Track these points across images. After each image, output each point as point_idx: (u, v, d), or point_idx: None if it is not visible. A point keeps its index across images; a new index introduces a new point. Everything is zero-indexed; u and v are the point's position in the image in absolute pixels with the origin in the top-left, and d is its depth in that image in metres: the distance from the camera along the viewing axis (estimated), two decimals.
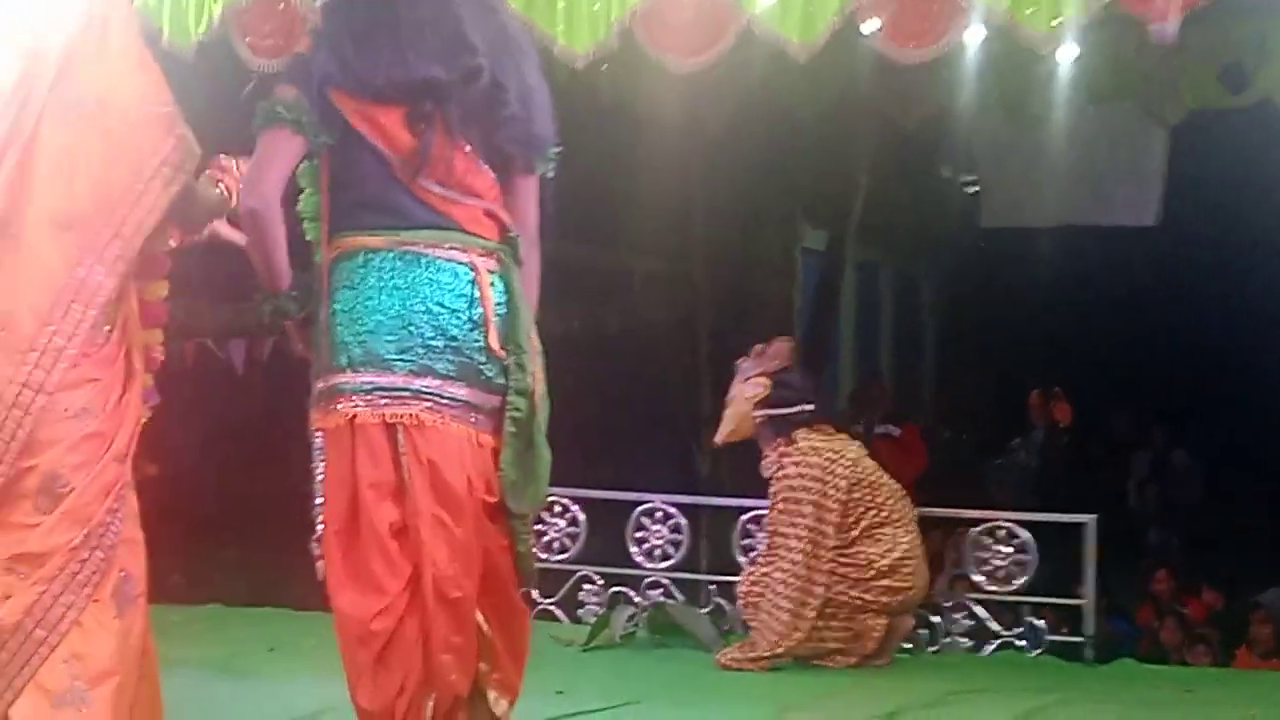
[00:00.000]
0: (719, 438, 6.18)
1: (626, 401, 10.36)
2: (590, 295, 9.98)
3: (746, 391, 5.99)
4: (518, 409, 3.56)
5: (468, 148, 3.55)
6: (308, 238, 3.65)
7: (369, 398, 3.49)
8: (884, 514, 5.82)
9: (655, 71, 5.88)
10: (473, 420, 3.54)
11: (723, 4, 5.59)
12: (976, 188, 11.48)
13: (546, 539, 6.64)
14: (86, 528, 3.35)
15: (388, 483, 3.49)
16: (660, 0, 5.63)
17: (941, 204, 13.51)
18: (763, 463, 5.97)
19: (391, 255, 3.53)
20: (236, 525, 9.59)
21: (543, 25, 5.57)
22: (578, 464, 4.44)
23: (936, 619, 6.46)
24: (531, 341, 3.61)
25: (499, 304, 3.57)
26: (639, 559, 6.73)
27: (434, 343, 3.51)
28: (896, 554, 5.78)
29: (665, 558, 6.71)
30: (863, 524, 5.78)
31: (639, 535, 6.74)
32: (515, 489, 3.57)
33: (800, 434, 5.87)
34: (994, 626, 6.49)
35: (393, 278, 3.52)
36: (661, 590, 6.68)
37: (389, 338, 3.50)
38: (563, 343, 3.83)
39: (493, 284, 3.57)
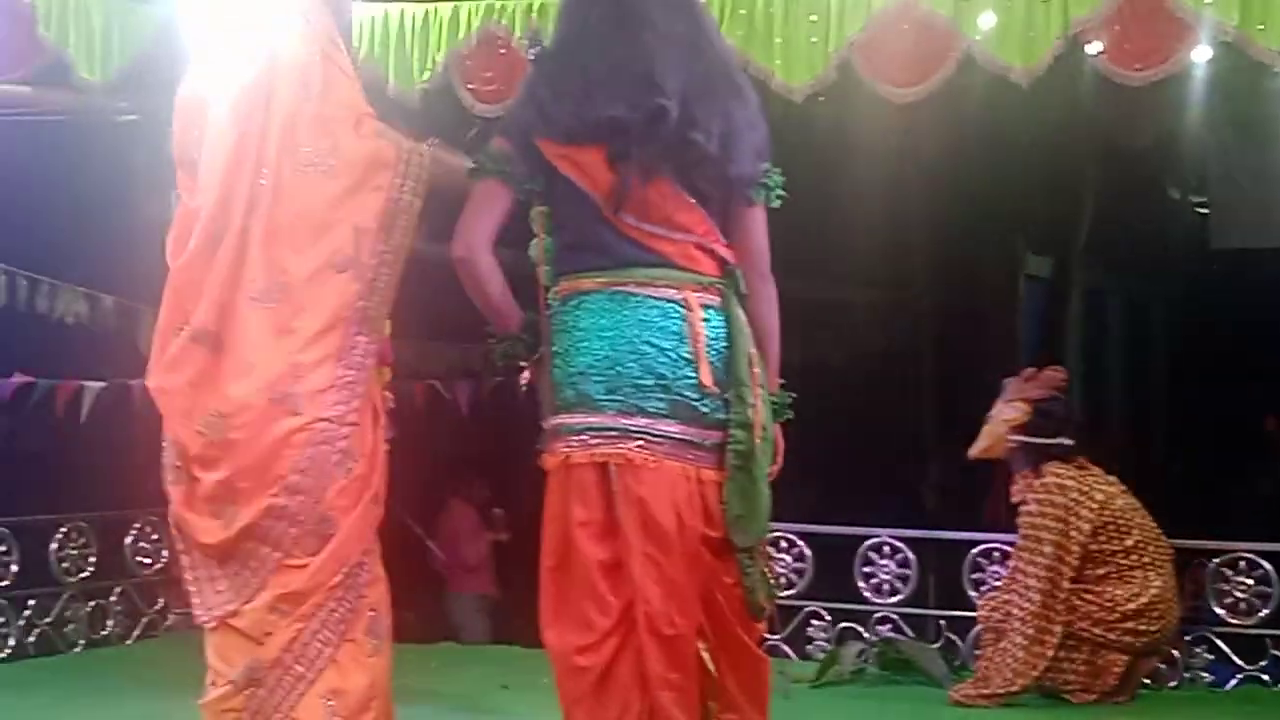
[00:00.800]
0: (972, 451, 6.06)
1: (850, 435, 10.29)
2: (812, 327, 9.93)
3: (1005, 413, 5.88)
4: (739, 442, 3.53)
5: (670, 184, 3.57)
6: (543, 282, 3.70)
7: (580, 438, 3.52)
8: (1134, 557, 5.68)
9: (874, 101, 5.85)
10: (690, 457, 3.52)
11: (942, 31, 5.55)
12: (1206, 209, 11.19)
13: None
14: (346, 568, 3.45)
15: (597, 521, 3.51)
16: (878, 30, 5.61)
17: (1170, 226, 13.18)
18: (1012, 488, 5.86)
19: (602, 296, 3.55)
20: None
21: (760, 60, 5.59)
22: (804, 499, 4.42)
23: (1177, 653, 6.28)
24: (754, 374, 3.57)
25: (714, 339, 3.55)
26: (867, 594, 6.67)
27: (642, 381, 3.52)
28: (1145, 598, 5.65)
29: (893, 592, 6.64)
30: (1109, 566, 5.65)
31: (866, 570, 6.68)
32: (739, 523, 3.54)
33: (1049, 467, 5.74)
34: (1237, 660, 6.29)
35: (601, 319, 3.54)
36: (890, 625, 6.61)
37: (597, 379, 3.52)
38: (785, 375, 3.81)
39: (707, 319, 3.55)
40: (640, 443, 3.50)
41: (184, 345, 3.52)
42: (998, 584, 6.16)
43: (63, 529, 6.74)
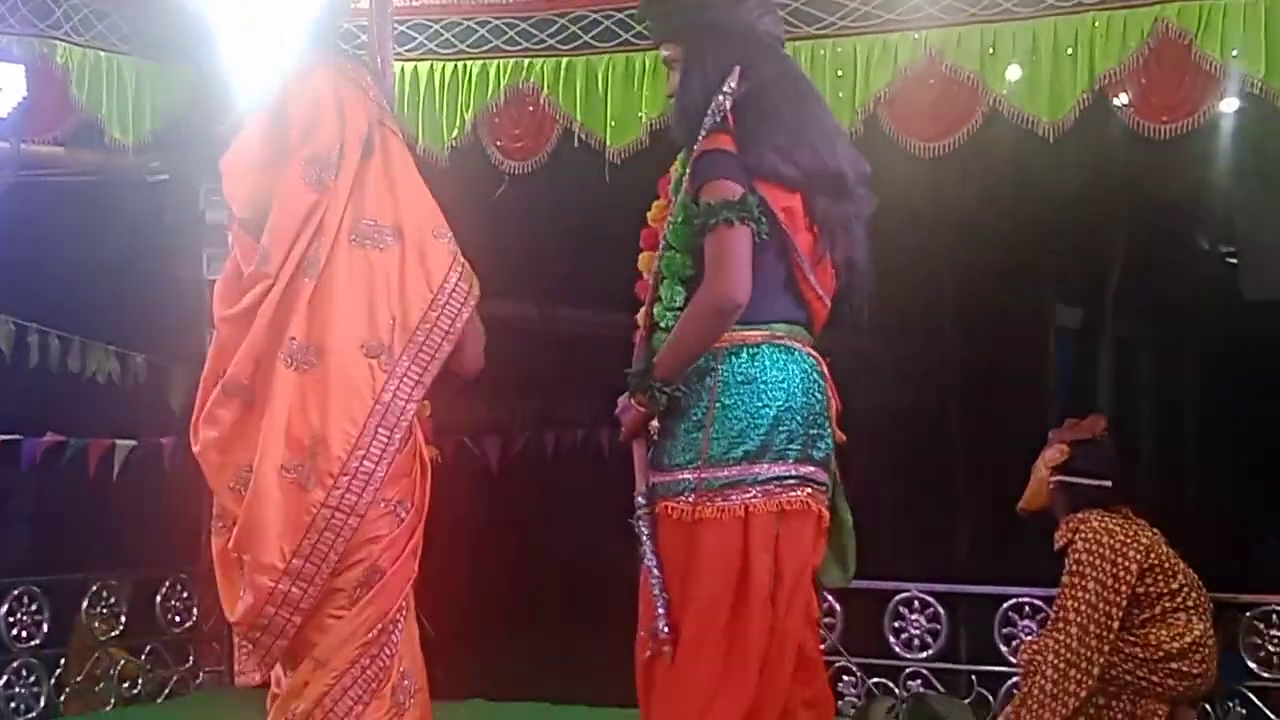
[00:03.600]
0: (1021, 505, 6.02)
1: (880, 488, 10.24)
2: (841, 380, 9.92)
3: (1046, 456, 5.85)
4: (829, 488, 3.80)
5: (835, 248, 3.80)
6: (661, 325, 3.73)
7: (766, 488, 3.62)
8: (1178, 600, 5.63)
9: (901, 154, 5.86)
10: (825, 502, 3.75)
11: (968, 85, 5.58)
12: (1235, 260, 11.15)
13: None
14: (382, 622, 3.45)
15: (772, 569, 3.61)
16: (905, 84, 5.64)
17: (1200, 277, 13.14)
18: (1056, 534, 5.83)
19: (771, 349, 3.69)
20: (496, 619, 9.70)
21: None
22: None
23: (1210, 708, 6.22)
24: None
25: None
26: (897, 649, 6.63)
27: (812, 431, 3.69)
28: (1188, 639, 5.59)
29: (924, 647, 6.60)
30: (1155, 609, 5.61)
31: (896, 625, 6.65)
32: (827, 564, 3.82)
33: (1095, 513, 5.70)
34: (1271, 716, 6.22)
35: (775, 371, 3.67)
36: (921, 680, 6.56)
37: (783, 429, 3.65)
38: None
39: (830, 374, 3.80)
40: (810, 490, 3.69)
41: (218, 398, 3.52)
42: (1030, 630, 6.15)
43: (93, 587, 6.74)
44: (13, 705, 6.42)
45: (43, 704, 6.54)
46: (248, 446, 3.48)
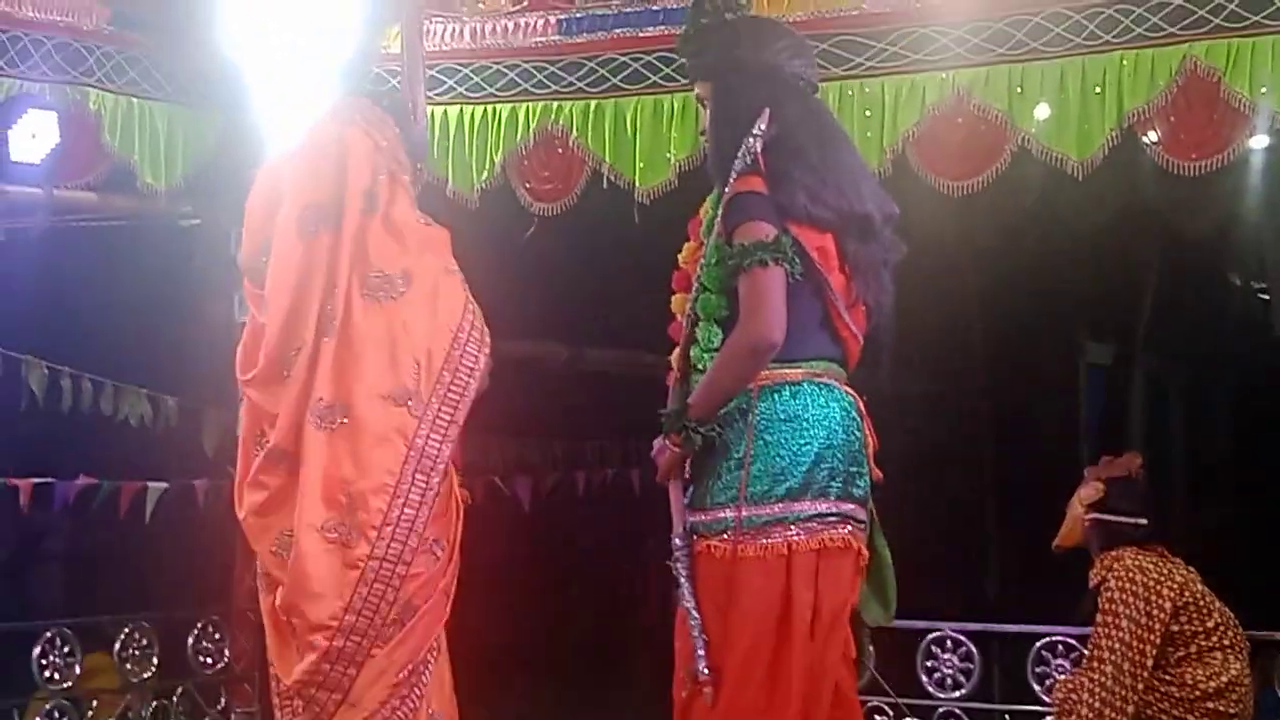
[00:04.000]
0: (1056, 542, 5.98)
1: (911, 526, 10.20)
2: (874, 419, 9.91)
3: (1082, 494, 5.83)
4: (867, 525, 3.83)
5: (867, 289, 3.84)
6: (699, 367, 3.74)
7: (807, 525, 3.64)
8: (1214, 639, 5.60)
9: (930, 194, 5.86)
10: (864, 541, 3.77)
11: (996, 124, 5.58)
12: (1267, 295, 11.10)
13: None
14: (414, 663, 3.44)
15: (812, 607, 3.60)
16: (933, 123, 5.65)
17: (1231, 313, 13.08)
18: (1090, 572, 5.80)
19: (810, 386, 3.71)
20: (527, 661, 9.68)
21: None
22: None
23: None
24: None
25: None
26: (930, 688, 6.59)
27: (852, 469, 3.73)
28: (1225, 678, 5.55)
29: (956, 686, 6.56)
30: (1190, 648, 5.57)
31: (929, 664, 6.61)
32: (867, 602, 3.85)
33: (1129, 551, 5.67)
34: None
35: (815, 410, 3.70)
36: None
37: (825, 466, 3.67)
38: None
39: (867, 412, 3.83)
40: (850, 527, 3.71)
41: (262, 465, 3.54)
42: (1063, 669, 6.12)
43: (126, 629, 6.75)
44: None
45: None
46: (289, 511, 3.49)
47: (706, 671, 3.62)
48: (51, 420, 6.75)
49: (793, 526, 3.62)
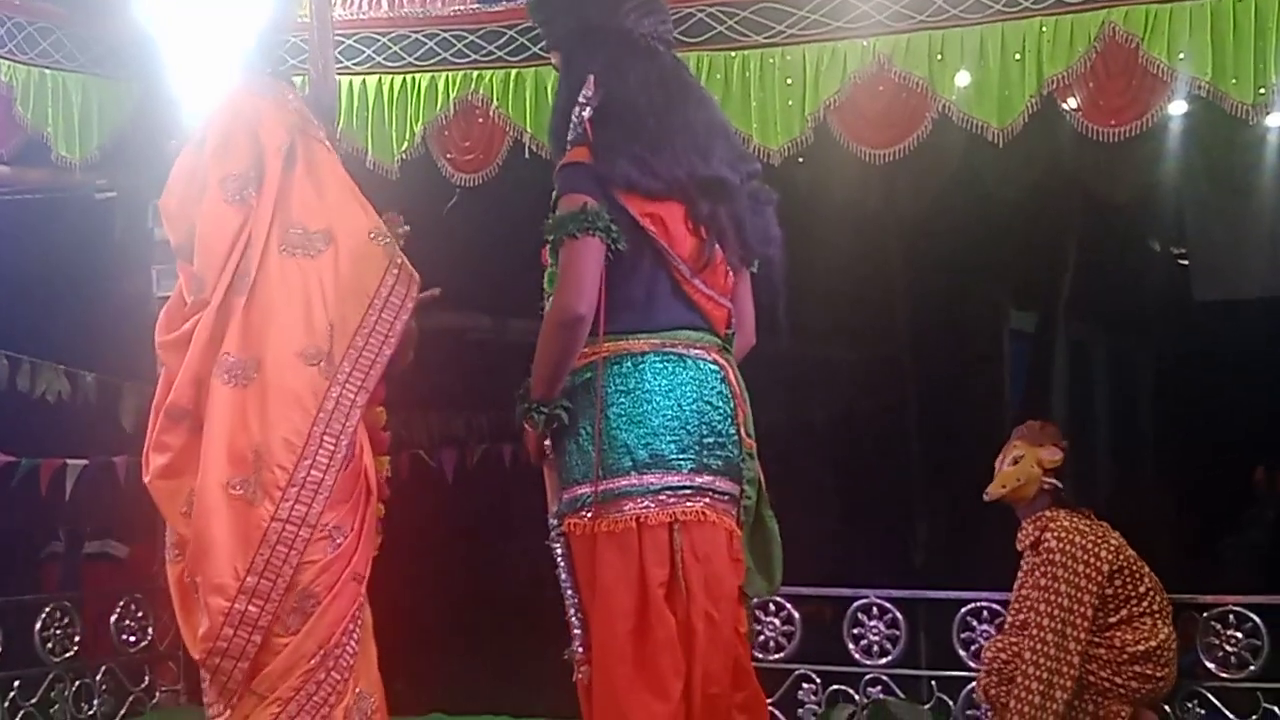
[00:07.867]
0: (990, 493, 5.95)
1: (836, 494, 10.25)
2: (797, 388, 9.93)
3: (1043, 455, 5.82)
4: (749, 498, 3.70)
5: (727, 250, 3.70)
6: None
7: (658, 498, 3.58)
8: (1144, 604, 5.65)
9: (852, 162, 5.86)
10: (733, 513, 3.67)
11: (917, 91, 5.59)
12: (1186, 261, 11.22)
13: (762, 638, 6.57)
14: (325, 648, 3.40)
15: (667, 582, 3.54)
16: (854, 91, 5.65)
17: (1152, 279, 13.21)
18: (1019, 534, 5.83)
19: (655, 357, 3.62)
20: (455, 632, 9.66)
21: (737, 122, 5.60)
22: (791, 560, 4.42)
23: (1169, 709, 6.23)
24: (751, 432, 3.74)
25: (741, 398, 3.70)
26: (857, 656, 6.62)
27: (707, 440, 3.61)
28: (1153, 642, 5.61)
29: (883, 654, 6.59)
30: (1122, 612, 5.62)
31: (855, 632, 6.64)
32: (750, 575, 3.71)
33: (1063, 512, 5.72)
34: (1229, 715, 6.24)
35: (662, 380, 3.61)
36: (881, 687, 6.56)
37: (670, 438, 3.58)
38: (770, 436, 3.85)
39: (737, 380, 3.71)
40: (707, 500, 3.61)
41: (163, 425, 3.49)
42: (988, 635, 6.14)
43: (47, 608, 6.68)
44: None
45: None
46: (195, 472, 3.44)
47: (580, 650, 3.62)
48: None
49: (643, 499, 3.55)
